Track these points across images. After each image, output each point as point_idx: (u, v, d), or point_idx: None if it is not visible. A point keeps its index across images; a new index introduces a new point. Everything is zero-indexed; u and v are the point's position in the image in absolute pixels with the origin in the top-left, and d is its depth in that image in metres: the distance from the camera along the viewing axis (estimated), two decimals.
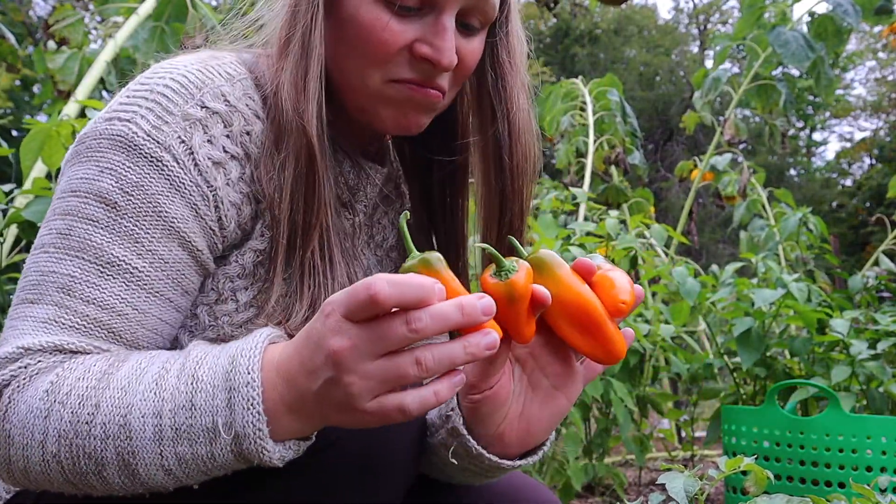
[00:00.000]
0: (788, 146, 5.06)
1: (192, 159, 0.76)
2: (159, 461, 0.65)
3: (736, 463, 0.84)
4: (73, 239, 0.74)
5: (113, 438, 0.65)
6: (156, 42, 2.85)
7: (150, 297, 0.75)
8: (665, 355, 2.61)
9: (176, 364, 0.67)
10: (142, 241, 0.74)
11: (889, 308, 2.85)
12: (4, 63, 3.72)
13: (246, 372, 0.63)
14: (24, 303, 0.74)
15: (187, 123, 0.76)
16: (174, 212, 0.75)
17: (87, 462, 0.66)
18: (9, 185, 1.91)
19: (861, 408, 2.30)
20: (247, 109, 0.81)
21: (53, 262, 0.74)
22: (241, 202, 0.79)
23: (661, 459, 2.99)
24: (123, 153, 0.75)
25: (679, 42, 20.22)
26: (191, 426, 0.64)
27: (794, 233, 3.61)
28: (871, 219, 4.45)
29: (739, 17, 4.12)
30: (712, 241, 15.19)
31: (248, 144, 0.80)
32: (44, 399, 0.67)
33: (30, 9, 9.36)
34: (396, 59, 0.81)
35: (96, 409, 0.66)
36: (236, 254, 0.80)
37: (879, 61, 17.62)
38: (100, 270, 0.73)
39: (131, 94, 0.78)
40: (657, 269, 2.70)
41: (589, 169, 3.84)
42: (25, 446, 0.67)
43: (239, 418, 0.63)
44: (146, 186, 0.74)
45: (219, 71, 0.81)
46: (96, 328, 0.73)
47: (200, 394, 0.64)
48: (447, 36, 0.81)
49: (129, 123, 0.75)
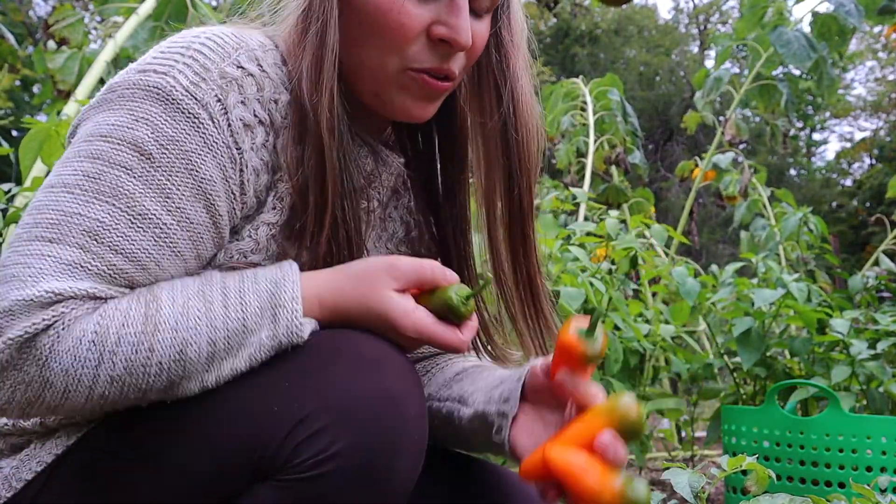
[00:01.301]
0: (789, 146, 5.06)
1: (226, 119, 0.76)
2: (203, 378, 0.73)
3: (738, 462, 0.84)
4: (103, 184, 0.73)
5: (167, 371, 0.71)
6: (156, 42, 2.84)
7: (172, 255, 0.75)
8: (665, 355, 2.60)
9: (216, 293, 0.74)
10: (172, 198, 0.74)
11: (889, 308, 2.85)
12: (4, 63, 3.73)
13: (290, 290, 0.75)
14: (40, 240, 0.71)
15: (224, 81, 0.77)
16: (204, 171, 0.75)
17: (135, 393, 0.71)
18: (8, 185, 1.91)
19: (861, 408, 2.30)
20: (276, 78, 0.82)
21: (80, 205, 0.72)
22: (261, 169, 0.80)
23: (661, 459, 2.99)
24: (160, 105, 0.74)
25: (679, 42, 20.21)
26: (241, 345, 0.73)
27: (795, 232, 3.61)
28: (871, 219, 4.45)
29: (739, 17, 4.11)
30: (712, 241, 15.19)
31: (274, 112, 0.81)
32: (91, 349, 0.69)
33: (30, 9, 9.36)
34: (414, 43, 0.82)
35: (151, 353, 0.70)
36: (249, 228, 0.81)
37: (879, 61, 17.61)
38: (131, 221, 0.73)
39: (166, 50, 0.78)
40: (657, 269, 2.69)
41: (589, 169, 3.84)
42: (68, 391, 0.69)
43: (283, 329, 0.73)
44: (182, 142, 0.74)
45: (252, 39, 0.82)
46: (120, 277, 0.73)
47: (250, 317, 0.73)
48: (463, 15, 0.82)
49: (167, 77, 0.75)
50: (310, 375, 0.73)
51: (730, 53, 4.12)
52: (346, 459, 0.69)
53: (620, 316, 2.23)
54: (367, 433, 0.70)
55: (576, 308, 1.98)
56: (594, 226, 2.43)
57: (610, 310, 2.23)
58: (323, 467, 0.69)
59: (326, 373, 0.73)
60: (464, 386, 0.97)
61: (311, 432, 0.69)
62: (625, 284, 2.37)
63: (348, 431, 0.70)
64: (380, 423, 0.71)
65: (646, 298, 3.18)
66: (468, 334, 0.81)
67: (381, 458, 0.71)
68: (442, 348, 0.81)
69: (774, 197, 4.21)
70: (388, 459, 0.71)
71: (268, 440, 0.70)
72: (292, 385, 0.72)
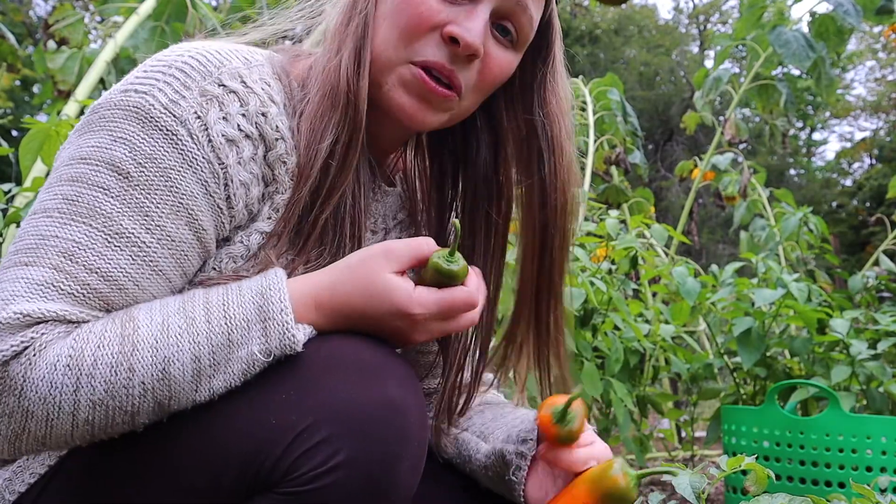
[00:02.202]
0: (789, 146, 5.05)
1: (206, 135, 0.76)
2: (193, 396, 0.71)
3: (737, 462, 0.84)
4: (80, 205, 0.72)
5: (152, 391, 0.69)
6: (156, 42, 2.84)
7: (152, 274, 0.75)
8: (665, 355, 2.60)
9: (198, 309, 0.72)
10: (151, 216, 0.74)
11: (889, 308, 2.85)
12: (4, 63, 3.72)
13: (278, 301, 0.72)
14: (16, 265, 0.71)
15: (204, 99, 0.77)
16: (184, 187, 0.75)
17: (122, 416, 0.70)
18: (8, 185, 1.91)
19: (861, 408, 2.30)
20: (262, 93, 0.81)
21: (57, 227, 0.72)
22: (251, 182, 0.80)
23: (661, 459, 2.99)
24: (138, 124, 0.74)
25: (679, 42, 20.21)
26: (228, 360, 0.71)
27: (795, 232, 3.61)
28: (871, 219, 4.45)
29: (739, 17, 4.11)
30: (712, 241, 15.18)
31: (263, 126, 0.80)
32: (66, 374, 0.68)
33: (30, 9, 9.36)
34: (426, 37, 0.83)
35: (131, 373, 0.69)
36: (241, 234, 0.81)
37: (879, 61, 17.61)
38: (107, 240, 0.72)
39: (148, 69, 0.78)
40: (657, 268, 2.69)
41: (589, 168, 3.83)
42: (50, 419, 0.68)
43: (275, 342, 0.71)
44: (159, 159, 0.74)
45: (236, 55, 0.82)
46: (94, 298, 0.72)
47: (236, 330, 0.71)
48: (477, 19, 0.83)
49: (146, 95, 0.75)
50: (308, 385, 0.71)
51: (729, 53, 4.12)
52: (347, 471, 0.68)
53: (620, 316, 2.23)
54: (369, 444, 0.69)
55: (576, 308, 1.98)
56: (594, 226, 2.43)
57: (610, 310, 2.23)
58: (323, 479, 0.68)
59: (325, 382, 0.71)
60: (485, 420, 0.99)
61: (312, 444, 0.69)
62: (625, 284, 2.37)
63: (349, 442, 0.69)
64: (381, 433, 0.70)
65: (646, 298, 3.19)
66: (472, 282, 0.79)
67: (382, 468, 0.70)
68: (455, 310, 0.78)
69: (774, 197, 4.21)
70: (390, 470, 0.71)
71: (267, 452, 0.69)
72: (290, 396, 0.71)
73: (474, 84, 0.87)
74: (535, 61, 0.94)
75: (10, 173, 2.08)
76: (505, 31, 0.87)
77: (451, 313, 0.77)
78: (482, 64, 0.86)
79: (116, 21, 3.25)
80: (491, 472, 0.92)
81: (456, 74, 0.84)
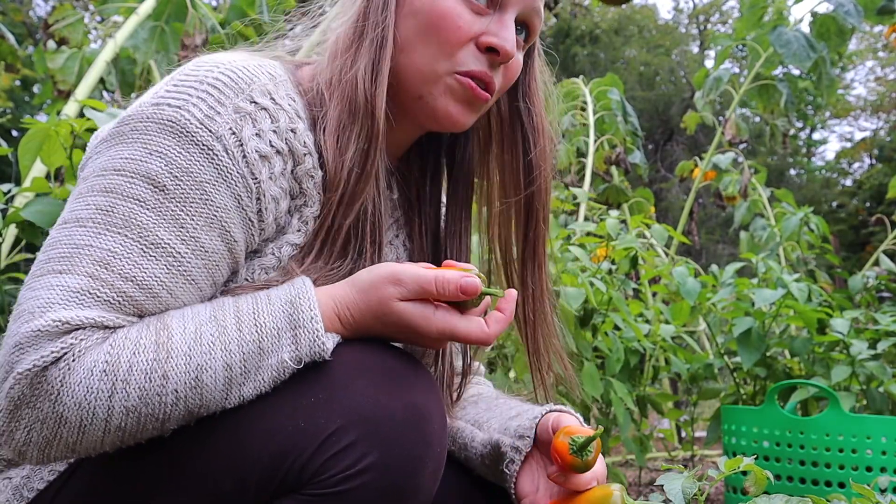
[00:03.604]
0: (789, 146, 5.05)
1: (241, 151, 0.78)
2: (223, 403, 0.72)
3: (735, 463, 0.84)
4: (115, 216, 0.74)
5: (184, 399, 0.71)
6: (155, 42, 2.85)
7: (186, 283, 0.76)
8: (665, 355, 2.60)
9: (229, 317, 0.74)
10: (186, 227, 0.75)
11: (889, 308, 2.85)
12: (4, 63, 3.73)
13: (308, 310, 0.74)
14: (50, 273, 0.72)
15: (238, 116, 0.79)
16: (219, 201, 0.77)
17: (153, 423, 0.71)
18: (8, 185, 1.91)
19: (861, 408, 2.30)
20: (290, 109, 0.84)
21: (91, 237, 0.73)
22: (280, 196, 0.83)
23: (661, 459, 2.99)
24: (174, 138, 0.76)
25: (679, 42, 20.20)
26: (258, 367, 0.72)
27: (796, 232, 3.61)
28: (871, 219, 4.45)
29: (739, 16, 4.11)
30: (712, 241, 15.18)
31: (292, 141, 0.83)
32: (103, 379, 0.69)
33: (30, 9, 9.36)
34: (465, 49, 0.88)
35: (165, 380, 0.70)
36: (272, 246, 0.84)
37: (879, 61, 17.60)
38: (143, 249, 0.73)
39: (179, 84, 0.80)
40: (657, 269, 2.69)
41: (589, 169, 3.83)
42: (84, 425, 0.69)
43: (305, 349, 0.73)
44: (195, 173, 0.76)
45: (262, 70, 0.84)
46: (130, 306, 0.73)
47: (266, 339, 0.73)
48: (509, 28, 0.89)
49: (181, 110, 0.77)
50: (336, 390, 0.73)
51: (729, 53, 4.12)
52: (375, 474, 0.70)
53: (621, 316, 2.23)
54: (396, 448, 0.72)
55: (576, 308, 1.98)
56: (594, 226, 2.43)
57: (610, 310, 2.23)
58: (351, 482, 0.70)
59: (352, 387, 0.73)
60: (479, 410, 1.03)
61: (340, 447, 0.70)
62: (625, 284, 2.37)
63: (377, 446, 0.71)
64: (407, 437, 0.72)
65: (646, 298, 3.18)
66: (495, 327, 0.81)
67: (407, 472, 0.72)
68: (467, 343, 0.82)
69: (774, 197, 4.21)
70: (414, 473, 0.73)
71: (296, 455, 0.71)
72: (319, 400, 0.73)
73: (502, 85, 0.93)
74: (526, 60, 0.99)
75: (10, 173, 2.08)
76: (520, 31, 0.93)
77: (462, 340, 0.80)
78: (505, 67, 0.92)
79: (116, 21, 3.25)
80: (487, 460, 0.95)
81: (494, 79, 0.90)
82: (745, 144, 5.33)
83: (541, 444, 0.94)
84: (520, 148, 1.00)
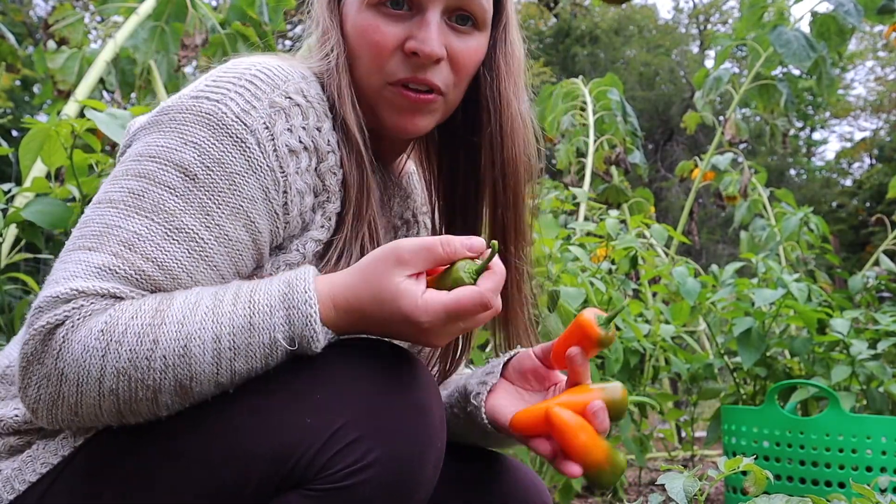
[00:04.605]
0: (789, 146, 5.06)
1: (272, 145, 0.81)
2: (214, 378, 0.72)
3: (735, 463, 0.84)
4: (145, 200, 0.77)
5: (173, 368, 0.71)
6: (155, 42, 2.85)
7: (207, 268, 0.78)
8: (665, 355, 2.60)
9: (228, 294, 0.75)
10: (212, 215, 0.78)
11: (889, 308, 2.85)
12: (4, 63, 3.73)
13: (303, 291, 0.74)
14: (80, 249, 0.76)
15: (273, 110, 0.82)
16: (247, 192, 0.80)
17: (144, 391, 0.72)
18: (8, 185, 1.91)
19: (861, 408, 2.30)
20: (319, 107, 0.88)
21: (121, 218, 0.77)
22: (305, 191, 0.85)
23: (661, 459, 2.99)
24: (209, 130, 0.79)
25: (679, 42, 20.20)
26: (249, 344, 0.73)
27: (795, 232, 3.61)
28: (871, 219, 4.45)
29: (739, 16, 4.11)
30: (712, 241, 15.18)
31: (317, 139, 0.86)
32: (99, 339, 0.71)
33: (30, 9, 9.36)
34: (391, 59, 0.90)
35: (155, 345, 0.71)
36: (297, 242, 0.86)
37: (879, 61, 17.60)
38: (167, 233, 0.77)
39: (218, 79, 0.84)
40: (657, 268, 2.69)
41: (589, 169, 3.83)
42: (80, 383, 0.71)
43: (298, 330, 0.73)
44: (227, 164, 0.79)
45: (295, 70, 0.88)
46: (148, 284, 0.76)
47: (258, 315, 0.73)
48: (430, 28, 0.88)
49: (219, 104, 0.80)
50: (340, 387, 0.74)
51: (729, 53, 4.12)
52: (380, 468, 0.72)
53: (620, 316, 2.23)
54: (399, 444, 0.73)
55: (576, 308, 1.98)
56: (594, 226, 2.43)
57: None
58: (356, 477, 0.71)
59: (356, 385, 0.74)
60: (449, 381, 1.04)
61: (346, 443, 0.71)
62: (625, 284, 2.37)
63: (381, 442, 0.72)
64: (409, 434, 0.74)
65: (646, 298, 3.18)
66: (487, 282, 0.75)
67: (410, 467, 0.73)
68: (464, 313, 0.74)
69: (774, 197, 4.21)
70: (416, 468, 0.74)
71: (303, 450, 0.71)
72: (324, 397, 0.73)
73: (452, 80, 0.93)
74: (492, 33, 0.97)
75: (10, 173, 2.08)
76: (464, 20, 0.92)
77: (462, 316, 0.74)
78: (451, 61, 0.91)
79: (116, 21, 3.25)
80: (456, 408, 0.95)
81: (430, 79, 0.90)
82: (745, 144, 5.33)
83: (517, 375, 0.93)
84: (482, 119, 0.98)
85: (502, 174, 0.98)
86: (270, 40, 2.96)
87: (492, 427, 0.90)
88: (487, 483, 1.00)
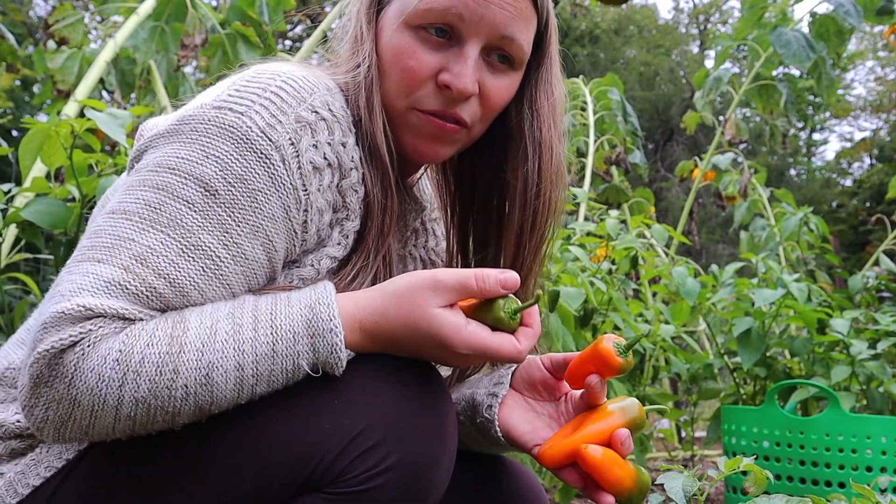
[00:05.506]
0: (789, 146, 5.05)
1: (297, 162, 0.78)
2: (235, 401, 0.72)
3: (735, 463, 0.84)
4: (162, 214, 0.74)
5: (194, 395, 0.70)
6: (155, 42, 2.85)
7: (220, 286, 0.76)
8: (665, 355, 2.60)
9: (246, 316, 0.73)
10: (231, 233, 0.75)
11: (889, 308, 2.85)
12: (4, 63, 3.73)
13: (328, 319, 0.73)
14: (89, 261, 0.73)
15: (299, 125, 0.79)
16: (268, 210, 0.77)
17: (163, 416, 0.71)
18: (8, 185, 1.91)
19: (861, 408, 2.30)
20: (344, 122, 0.85)
21: (135, 231, 0.73)
22: (325, 208, 0.83)
23: (661, 459, 2.99)
24: (232, 144, 0.76)
25: (679, 42, 20.19)
26: (271, 371, 0.72)
27: (795, 232, 3.61)
28: (871, 219, 4.45)
29: (740, 16, 4.11)
30: (712, 241, 15.18)
31: (341, 154, 0.84)
32: (115, 368, 0.69)
33: (30, 9, 9.36)
34: (423, 87, 0.87)
35: (175, 374, 0.70)
36: (312, 258, 0.84)
37: (879, 61, 17.60)
38: (182, 250, 0.74)
39: (241, 88, 0.80)
40: (657, 269, 2.69)
41: (589, 168, 3.84)
42: (95, 410, 0.69)
43: (323, 357, 0.73)
44: (249, 180, 0.76)
45: (320, 82, 0.85)
46: (157, 302, 0.73)
47: (281, 342, 0.72)
48: (467, 63, 0.86)
49: (243, 116, 0.77)
50: (359, 393, 0.74)
51: (729, 53, 4.12)
52: (397, 473, 0.72)
53: (620, 316, 2.23)
54: (415, 449, 0.73)
55: (576, 308, 1.98)
56: (594, 226, 2.43)
57: (610, 310, 2.23)
58: (375, 480, 0.71)
59: (374, 391, 0.75)
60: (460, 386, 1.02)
61: (365, 448, 0.72)
62: (625, 284, 2.37)
63: (398, 447, 0.72)
64: (425, 439, 0.74)
65: (646, 298, 3.18)
66: (525, 342, 0.79)
67: (425, 471, 0.74)
68: (498, 360, 0.81)
69: (774, 197, 4.21)
70: (431, 473, 0.75)
71: (323, 455, 0.72)
72: (343, 403, 0.74)
73: (480, 115, 0.90)
74: (531, 65, 0.95)
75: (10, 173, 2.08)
76: (503, 58, 0.89)
77: (495, 358, 0.78)
78: (481, 97, 0.89)
79: (116, 21, 3.25)
80: (463, 416, 0.95)
81: (458, 113, 0.88)
82: (745, 144, 5.33)
83: (526, 385, 0.93)
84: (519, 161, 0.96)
85: (532, 217, 0.95)
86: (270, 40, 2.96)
87: (505, 440, 0.90)
88: (487, 485, 1.00)
